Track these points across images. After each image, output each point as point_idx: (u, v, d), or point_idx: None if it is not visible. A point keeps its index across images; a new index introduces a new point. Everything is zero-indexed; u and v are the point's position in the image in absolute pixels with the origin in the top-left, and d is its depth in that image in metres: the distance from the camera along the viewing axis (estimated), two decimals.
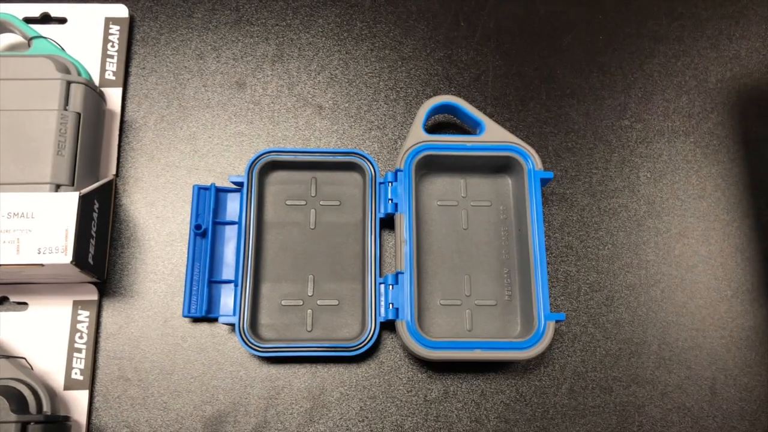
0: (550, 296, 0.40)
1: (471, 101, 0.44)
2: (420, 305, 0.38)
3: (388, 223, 0.41)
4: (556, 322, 0.37)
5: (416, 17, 0.46)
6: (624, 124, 0.45)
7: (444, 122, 0.44)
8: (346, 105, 0.44)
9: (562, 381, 0.39)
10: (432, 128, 0.43)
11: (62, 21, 0.44)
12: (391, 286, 0.37)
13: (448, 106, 0.41)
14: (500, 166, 0.40)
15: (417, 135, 0.40)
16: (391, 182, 0.39)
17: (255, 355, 0.38)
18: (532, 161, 0.39)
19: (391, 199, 0.39)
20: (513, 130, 0.44)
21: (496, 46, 0.46)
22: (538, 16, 0.47)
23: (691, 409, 0.39)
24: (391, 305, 0.37)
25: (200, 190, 0.39)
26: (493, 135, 0.40)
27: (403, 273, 0.37)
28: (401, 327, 0.36)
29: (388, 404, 0.38)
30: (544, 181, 0.39)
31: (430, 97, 0.44)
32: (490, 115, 0.44)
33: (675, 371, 0.40)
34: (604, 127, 0.45)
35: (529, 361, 0.39)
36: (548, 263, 0.41)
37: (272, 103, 0.44)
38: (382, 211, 0.39)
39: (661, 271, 0.42)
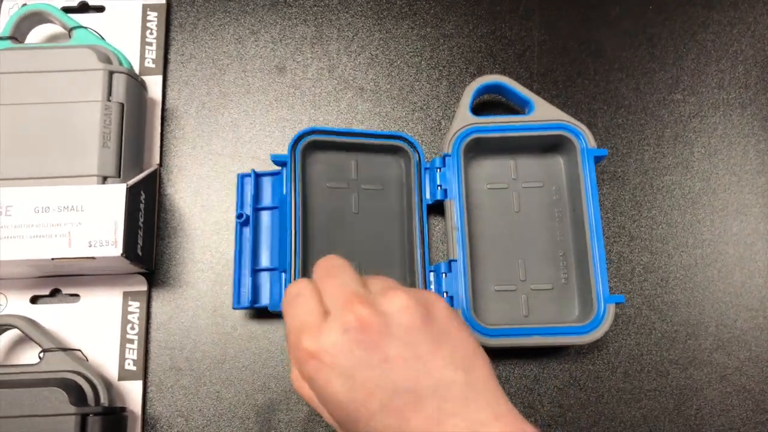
0: None
1: (516, 78, 0.43)
2: (474, 292, 0.37)
3: (432, 208, 0.40)
4: (616, 304, 0.36)
5: None
6: (676, 98, 0.43)
7: (490, 102, 0.42)
8: (388, 86, 0.43)
9: (616, 365, 0.39)
10: (478, 108, 0.42)
11: (100, 9, 0.43)
12: (444, 275, 0.37)
13: (495, 86, 0.40)
14: (551, 145, 0.39)
15: (464, 117, 0.39)
16: (440, 168, 0.38)
17: None
18: (585, 139, 0.38)
19: (440, 185, 0.38)
20: (561, 107, 0.43)
21: (541, 20, 0.44)
22: None
23: (752, 391, 0.38)
24: (445, 293, 0.36)
25: (243, 178, 0.39)
26: (543, 113, 0.39)
27: (455, 261, 0.36)
28: None
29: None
30: (597, 159, 0.38)
31: (474, 75, 0.43)
32: (537, 92, 0.43)
33: (734, 353, 0.39)
34: (655, 102, 0.43)
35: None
36: None
37: (313, 86, 0.43)
38: (430, 197, 0.38)
39: (718, 250, 0.40)
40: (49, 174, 0.37)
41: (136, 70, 0.42)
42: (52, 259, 0.35)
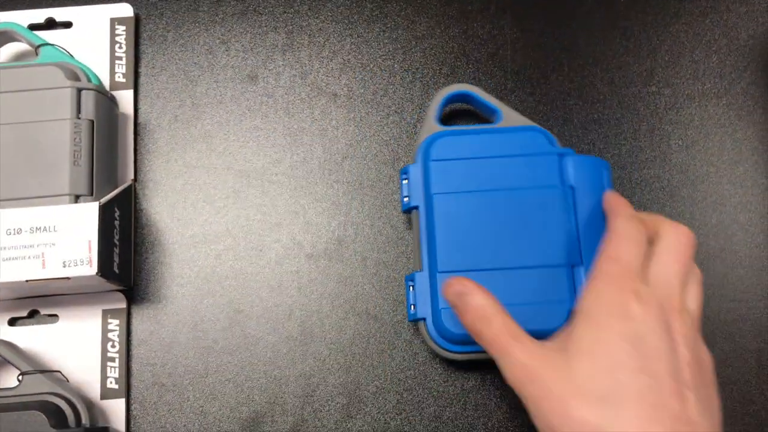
0: None
1: (490, 77, 0.43)
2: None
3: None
4: None
5: None
6: (651, 90, 0.43)
7: (460, 111, 0.42)
8: (362, 91, 0.43)
9: None
10: (448, 119, 0.42)
11: (67, 25, 0.43)
12: (411, 287, 0.36)
13: (463, 95, 0.39)
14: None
15: (430, 128, 0.38)
16: (406, 178, 0.38)
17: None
18: (554, 141, 0.38)
19: (407, 196, 0.38)
20: (536, 105, 0.42)
21: (513, 17, 0.44)
22: None
23: (738, 382, 0.38)
24: (412, 306, 0.36)
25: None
26: (511, 122, 0.38)
27: (420, 272, 0.36)
28: (422, 327, 0.36)
29: (425, 395, 0.38)
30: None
31: (448, 77, 0.43)
32: (512, 90, 0.43)
33: (718, 345, 0.39)
34: (630, 95, 0.43)
35: None
36: None
37: (286, 94, 0.43)
38: (402, 206, 0.38)
39: (699, 242, 0.40)
40: (20, 195, 0.36)
41: (107, 85, 0.42)
42: (27, 281, 0.35)
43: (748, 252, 0.40)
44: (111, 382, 0.38)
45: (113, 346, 0.39)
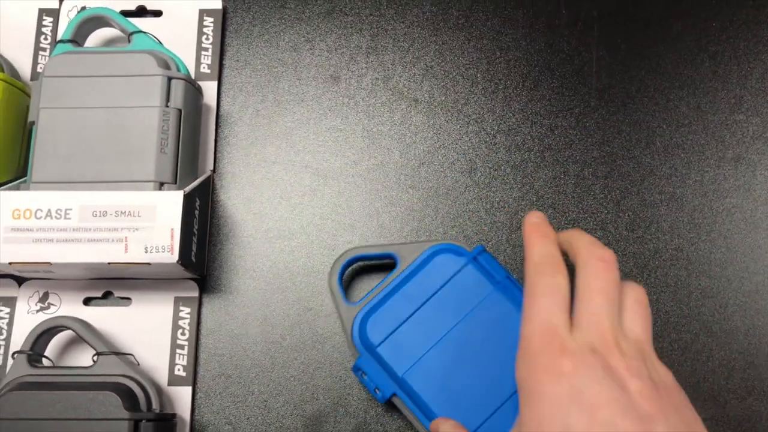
0: (658, 301, 0.39)
1: (574, 93, 0.42)
2: None
3: None
4: None
5: (515, 5, 0.44)
6: (739, 118, 0.42)
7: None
8: (443, 98, 0.43)
9: None
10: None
11: (158, 14, 0.43)
12: None
13: (356, 258, 0.38)
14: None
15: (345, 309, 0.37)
16: None
17: None
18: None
19: None
20: (618, 125, 0.42)
21: (600, 34, 0.43)
22: (645, 1, 0.44)
23: None
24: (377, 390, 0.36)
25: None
26: (409, 260, 0.37)
27: None
28: None
29: None
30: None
31: (531, 90, 0.42)
32: (594, 109, 0.42)
33: None
34: (716, 122, 0.42)
35: None
36: (657, 267, 0.39)
37: (367, 96, 0.43)
38: None
39: None
40: (106, 179, 0.37)
41: (192, 75, 0.42)
42: (108, 263, 0.35)
43: None
44: (179, 369, 0.38)
45: (183, 334, 0.39)
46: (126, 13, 0.43)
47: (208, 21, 0.43)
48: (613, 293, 0.28)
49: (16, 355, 0.36)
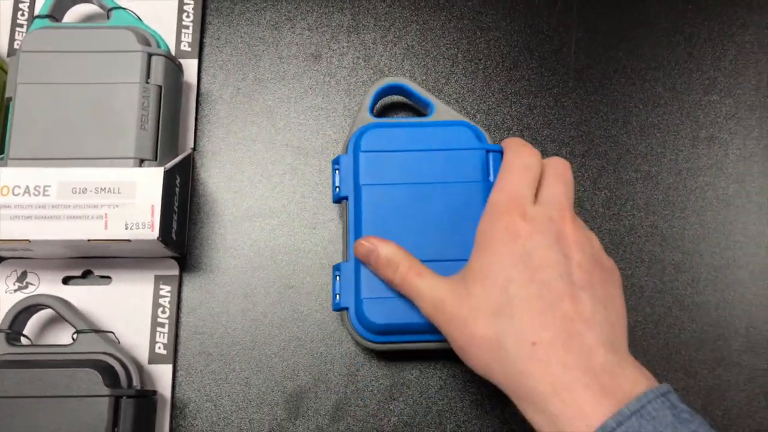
0: (633, 276, 0.40)
1: (553, 73, 0.43)
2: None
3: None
4: None
5: None
6: (713, 99, 0.43)
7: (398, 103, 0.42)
8: (424, 77, 0.43)
9: (645, 363, 0.38)
10: (386, 111, 0.42)
11: None
12: (337, 277, 0.37)
13: (397, 87, 0.39)
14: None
15: (363, 119, 0.38)
16: (337, 168, 0.38)
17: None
18: (484, 136, 0.38)
19: (338, 186, 0.37)
20: (596, 105, 0.42)
21: (579, 16, 0.44)
22: None
23: None
24: (337, 296, 0.36)
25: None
26: (443, 115, 0.39)
27: (347, 262, 0.36)
28: (345, 316, 0.36)
29: (468, 382, 0.38)
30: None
31: (510, 69, 0.43)
32: (572, 89, 0.43)
33: (763, 355, 0.39)
34: (691, 103, 0.43)
35: None
36: (632, 243, 0.40)
37: (348, 75, 0.43)
38: (333, 197, 0.38)
39: (750, 252, 0.40)
40: (86, 155, 0.36)
41: (173, 53, 0.42)
42: (88, 240, 0.35)
43: None
44: (159, 348, 0.38)
45: (163, 312, 0.39)
46: None
47: None
48: (570, 186, 0.33)
49: None
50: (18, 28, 0.42)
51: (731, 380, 0.39)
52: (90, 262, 0.39)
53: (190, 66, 0.42)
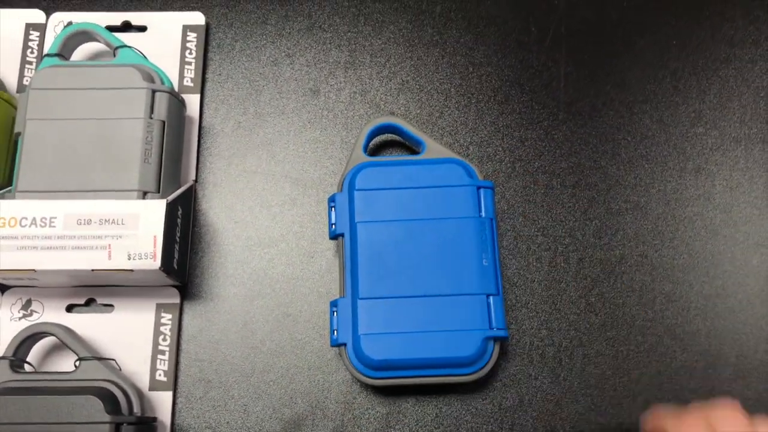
0: (624, 305, 0.40)
1: (543, 107, 0.44)
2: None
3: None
4: (501, 342, 0.38)
5: (486, 23, 0.46)
6: (699, 131, 0.44)
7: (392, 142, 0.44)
8: (418, 111, 0.44)
9: (637, 392, 0.39)
10: (379, 147, 0.43)
11: (142, 29, 0.45)
12: (335, 312, 0.37)
13: (390, 127, 0.41)
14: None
15: (357, 157, 0.40)
16: (333, 206, 0.39)
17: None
18: (474, 172, 0.39)
19: (334, 224, 0.39)
20: (586, 137, 0.44)
21: (568, 51, 0.46)
22: (610, 20, 0.46)
23: None
24: (335, 331, 0.37)
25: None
26: (434, 152, 0.40)
27: (344, 298, 0.37)
28: (343, 352, 0.37)
29: (464, 411, 0.39)
30: (491, 190, 0.39)
31: (502, 103, 0.44)
32: (563, 122, 0.44)
33: (753, 384, 0.39)
34: (678, 135, 0.44)
35: (604, 370, 0.39)
36: (623, 273, 0.41)
37: (345, 109, 0.44)
38: (330, 233, 0.40)
39: (739, 282, 0.41)
40: (91, 188, 0.38)
41: (176, 88, 0.44)
42: (92, 270, 0.36)
43: None
44: (160, 375, 0.39)
45: (164, 340, 0.40)
46: (111, 28, 0.44)
47: (192, 36, 0.45)
48: None
49: None
50: (27, 66, 0.44)
51: None
52: (93, 290, 0.40)
53: (192, 101, 0.44)
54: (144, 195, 0.38)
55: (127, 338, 0.40)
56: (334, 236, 0.39)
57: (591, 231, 0.42)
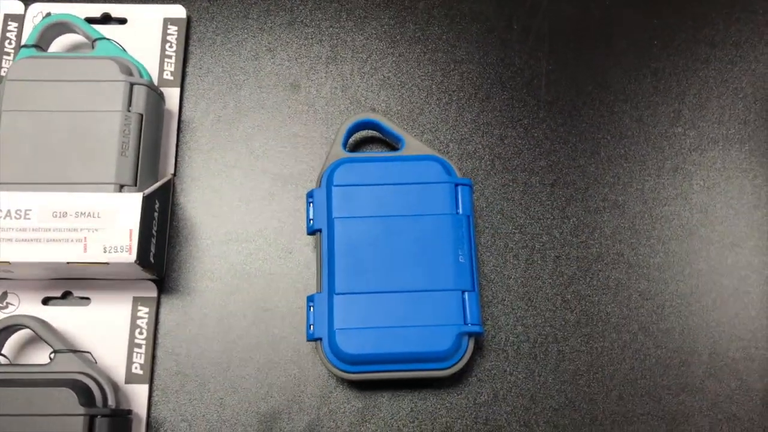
0: (599, 303, 0.41)
1: (524, 105, 0.44)
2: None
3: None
4: (476, 337, 0.38)
5: (469, 20, 0.46)
6: (677, 131, 0.44)
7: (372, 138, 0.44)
8: (399, 108, 0.44)
9: (611, 388, 0.40)
10: (359, 144, 0.43)
11: (122, 21, 0.45)
12: (311, 307, 0.38)
13: (369, 123, 0.41)
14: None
15: (336, 153, 0.40)
16: (311, 202, 0.39)
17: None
18: (452, 169, 0.39)
19: (312, 219, 0.39)
20: (566, 135, 0.44)
21: (550, 50, 0.46)
22: (593, 19, 0.46)
23: (742, 419, 0.39)
24: (311, 326, 0.37)
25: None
26: (413, 149, 0.40)
27: (320, 293, 0.37)
28: (318, 347, 0.37)
29: (439, 406, 0.39)
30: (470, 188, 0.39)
31: (483, 101, 0.45)
32: (543, 120, 0.44)
33: (725, 381, 0.40)
34: (657, 134, 0.44)
35: (579, 366, 0.40)
36: (599, 270, 0.41)
37: (326, 104, 0.44)
38: (307, 229, 0.40)
39: (713, 281, 0.42)
40: (67, 180, 0.38)
41: (155, 81, 0.43)
42: (68, 263, 0.36)
43: (761, 294, 0.41)
44: (136, 368, 0.39)
45: (141, 333, 0.40)
46: (91, 20, 0.44)
47: (172, 29, 0.45)
48: None
49: None
50: (5, 57, 0.44)
51: (695, 405, 0.39)
52: (70, 283, 0.40)
53: (172, 94, 0.44)
54: (121, 188, 0.38)
55: (104, 331, 0.40)
56: (312, 232, 0.39)
57: (568, 229, 0.42)
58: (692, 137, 0.44)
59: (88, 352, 0.38)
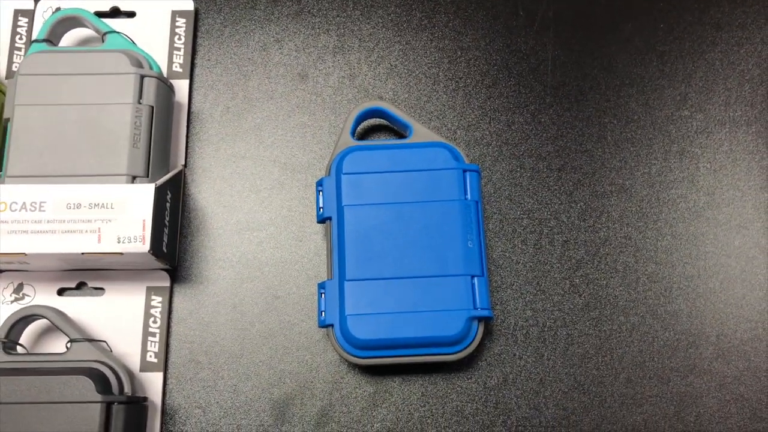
0: (608, 286, 0.41)
1: (530, 91, 0.45)
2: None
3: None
4: (486, 321, 0.39)
5: (475, 7, 0.46)
6: (684, 114, 0.44)
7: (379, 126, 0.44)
8: (406, 96, 0.45)
9: (619, 370, 0.40)
10: (367, 132, 0.44)
11: (131, 15, 0.45)
12: (322, 294, 0.38)
13: (377, 111, 0.41)
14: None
15: (345, 141, 0.40)
16: (321, 190, 0.40)
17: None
18: (460, 156, 0.40)
19: (321, 207, 0.39)
20: (572, 120, 0.44)
21: (555, 35, 0.46)
22: (598, 4, 0.46)
23: (750, 400, 0.40)
24: (323, 313, 0.38)
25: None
26: (421, 136, 0.40)
27: (331, 280, 0.38)
28: (330, 333, 0.38)
29: (449, 390, 0.40)
30: (478, 174, 0.40)
31: (490, 87, 0.45)
32: (549, 105, 0.44)
33: (733, 363, 0.40)
34: (663, 117, 0.44)
35: (587, 349, 0.40)
36: (607, 254, 0.42)
37: (334, 94, 0.45)
38: (317, 217, 0.40)
39: (720, 263, 0.42)
40: (80, 172, 0.38)
41: (165, 74, 0.44)
42: (82, 253, 0.37)
43: None
44: (150, 356, 0.40)
45: (155, 322, 0.40)
46: (100, 14, 0.45)
47: (180, 22, 0.45)
48: None
49: None
50: (16, 52, 0.44)
51: (703, 387, 0.40)
52: (84, 274, 0.41)
53: (181, 86, 0.44)
54: (133, 179, 0.38)
55: (118, 321, 0.40)
56: (322, 220, 0.39)
57: (576, 213, 0.43)
58: (699, 120, 0.44)
59: (103, 341, 0.39)
